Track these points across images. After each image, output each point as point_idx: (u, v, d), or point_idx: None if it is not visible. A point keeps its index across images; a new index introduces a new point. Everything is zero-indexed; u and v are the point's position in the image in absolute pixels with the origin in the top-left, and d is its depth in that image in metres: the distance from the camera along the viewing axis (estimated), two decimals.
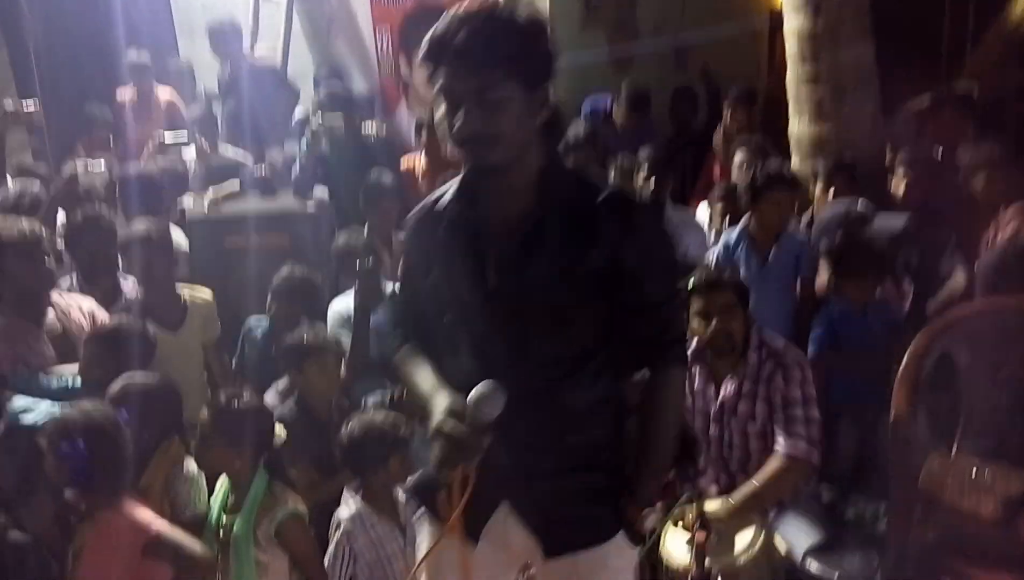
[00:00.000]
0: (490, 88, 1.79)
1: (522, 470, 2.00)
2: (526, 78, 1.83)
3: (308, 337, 3.38)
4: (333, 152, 5.18)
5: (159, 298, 3.72)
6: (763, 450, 3.05)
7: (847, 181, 4.31)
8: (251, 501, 2.74)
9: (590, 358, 1.99)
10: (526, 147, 1.89)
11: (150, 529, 2.59)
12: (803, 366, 3.06)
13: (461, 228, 1.96)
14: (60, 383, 3.22)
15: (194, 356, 3.79)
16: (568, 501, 2.03)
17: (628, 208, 1.94)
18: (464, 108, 1.80)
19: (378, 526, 2.88)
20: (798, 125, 4.76)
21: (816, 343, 3.79)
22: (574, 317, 1.95)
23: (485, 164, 1.87)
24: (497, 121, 1.81)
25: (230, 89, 6.32)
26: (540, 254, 1.90)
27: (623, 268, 1.90)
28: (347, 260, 3.99)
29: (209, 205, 4.78)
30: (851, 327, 3.75)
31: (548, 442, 1.99)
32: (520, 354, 1.95)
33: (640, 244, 1.91)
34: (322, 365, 3.36)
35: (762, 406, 3.04)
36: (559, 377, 1.97)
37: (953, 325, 3.32)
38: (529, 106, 1.85)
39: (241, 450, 2.77)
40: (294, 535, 2.76)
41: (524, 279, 1.91)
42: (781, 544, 2.80)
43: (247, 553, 2.72)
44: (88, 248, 3.79)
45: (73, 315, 3.49)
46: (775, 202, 3.96)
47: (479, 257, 1.95)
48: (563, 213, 1.91)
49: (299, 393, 3.40)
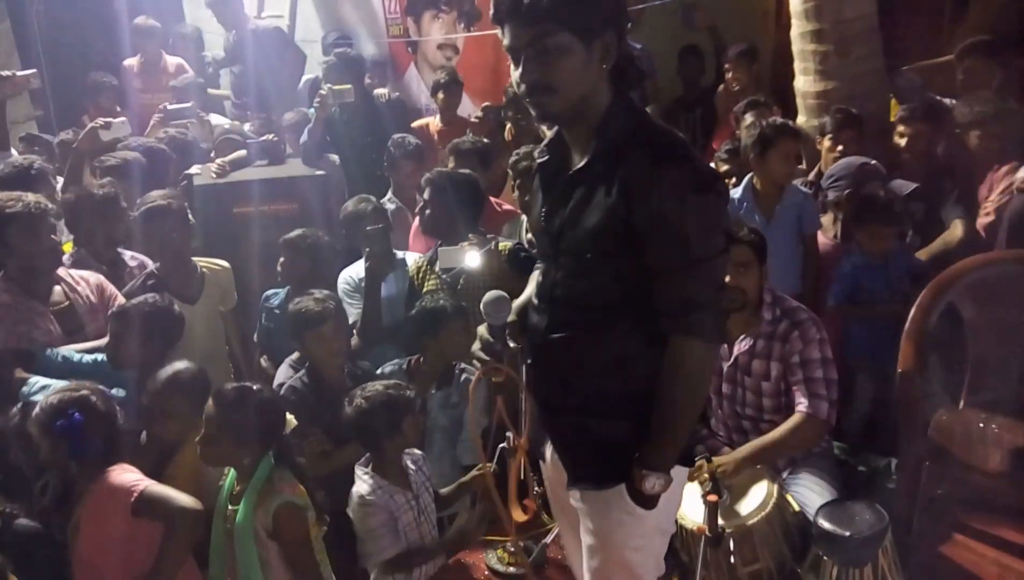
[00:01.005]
0: (543, 39, 1.90)
1: (552, 404, 2.18)
2: (581, 28, 1.91)
3: (305, 306, 3.36)
4: (342, 117, 5.18)
5: (176, 270, 3.72)
6: (776, 409, 3.08)
7: (855, 137, 4.31)
8: (251, 490, 2.64)
9: (618, 311, 2.03)
10: (590, 95, 1.98)
11: (135, 488, 2.54)
12: (819, 326, 3.06)
13: (541, 170, 2.15)
14: (88, 360, 3.25)
15: (214, 327, 3.82)
16: (583, 441, 2.14)
17: (652, 165, 1.91)
18: (523, 61, 1.93)
19: (397, 495, 2.90)
20: (803, 82, 4.74)
21: (835, 295, 3.85)
22: (599, 267, 2.01)
23: (547, 113, 2.01)
24: (554, 71, 1.92)
25: (235, 56, 6.29)
26: (573, 200, 2.01)
27: (636, 226, 1.92)
28: (356, 226, 3.99)
29: (217, 172, 4.80)
30: (872, 279, 3.79)
31: (573, 382, 2.12)
32: (556, 293, 2.09)
33: (652, 202, 1.89)
34: (320, 334, 3.34)
35: (777, 365, 3.05)
36: (587, 323, 2.06)
37: (957, 278, 3.35)
38: (588, 55, 1.93)
39: (248, 447, 2.68)
40: (288, 525, 2.62)
41: (558, 222, 2.05)
42: (794, 502, 2.84)
43: (249, 544, 2.63)
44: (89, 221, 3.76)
45: (80, 290, 3.47)
46: (784, 153, 4.00)
47: (544, 198, 2.13)
48: (601, 163, 1.98)
49: (309, 363, 3.42)
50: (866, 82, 4.62)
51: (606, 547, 2.19)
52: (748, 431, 3.15)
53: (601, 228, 1.96)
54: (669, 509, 2.21)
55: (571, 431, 2.17)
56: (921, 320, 3.22)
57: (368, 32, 7.12)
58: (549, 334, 2.11)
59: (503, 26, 1.96)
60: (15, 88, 5.03)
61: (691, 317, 1.95)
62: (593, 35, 1.93)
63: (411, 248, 4.33)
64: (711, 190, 1.94)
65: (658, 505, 2.08)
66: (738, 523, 2.69)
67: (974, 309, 3.39)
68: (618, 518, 2.13)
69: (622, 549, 2.17)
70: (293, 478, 2.70)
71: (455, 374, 3.47)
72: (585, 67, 1.94)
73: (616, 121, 1.99)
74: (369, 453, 2.97)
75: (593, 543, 2.21)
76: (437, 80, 5.62)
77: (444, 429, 3.44)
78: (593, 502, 2.17)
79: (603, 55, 1.95)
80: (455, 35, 6.80)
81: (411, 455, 3.05)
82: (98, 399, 2.68)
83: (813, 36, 4.58)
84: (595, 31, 1.93)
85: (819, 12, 4.51)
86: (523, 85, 1.96)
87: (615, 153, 1.96)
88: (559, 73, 1.92)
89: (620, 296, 2.02)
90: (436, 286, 3.70)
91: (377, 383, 3.01)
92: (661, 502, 2.08)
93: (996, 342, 3.37)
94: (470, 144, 4.43)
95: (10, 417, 2.85)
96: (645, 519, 2.12)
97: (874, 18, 4.58)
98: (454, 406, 3.43)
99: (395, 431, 2.89)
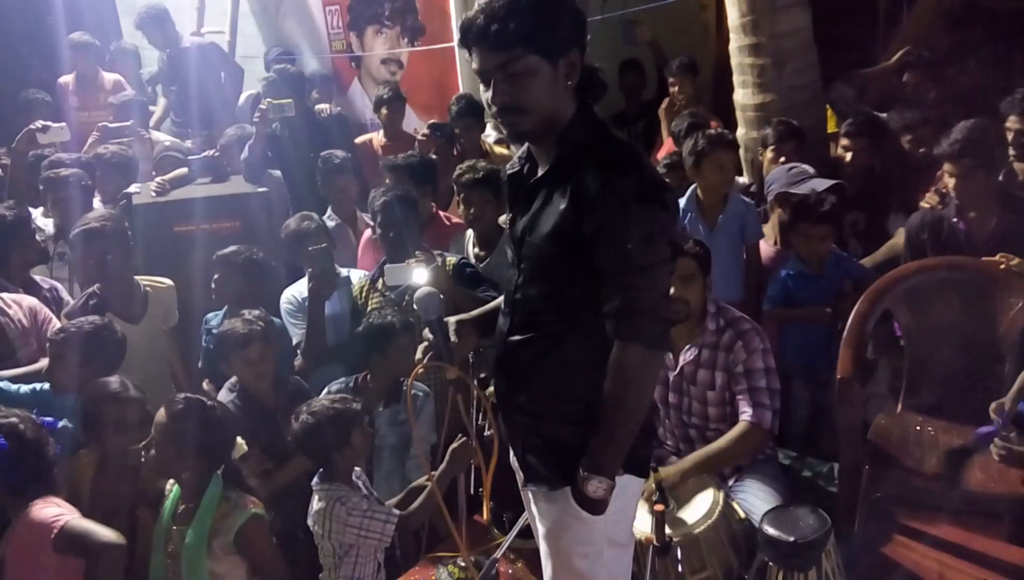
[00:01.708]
0: (511, 63, 1.97)
1: (510, 404, 2.25)
2: (547, 49, 1.97)
3: (232, 327, 3.33)
4: (284, 133, 5.14)
5: (117, 291, 3.66)
6: (721, 418, 3.12)
7: (796, 147, 4.40)
8: (204, 510, 2.62)
9: (571, 316, 2.08)
10: (558, 111, 2.04)
11: (56, 524, 2.50)
12: (762, 336, 3.11)
13: (510, 180, 2.23)
14: (26, 390, 3.18)
15: (158, 347, 3.77)
16: (537, 443, 2.19)
17: (600, 174, 1.95)
18: (493, 83, 2.00)
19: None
20: (742, 95, 4.83)
21: (769, 301, 3.92)
22: (553, 272, 2.07)
23: (519, 132, 2.09)
24: (523, 93, 1.99)
25: (171, 75, 6.20)
26: (533, 207, 2.08)
27: (586, 232, 1.96)
28: (298, 245, 3.95)
29: (157, 190, 4.72)
30: (805, 286, 3.85)
31: (529, 384, 2.18)
32: (517, 298, 2.16)
33: (598, 210, 1.94)
34: (245, 356, 3.31)
35: (721, 374, 3.09)
36: (542, 327, 2.12)
37: (893, 285, 3.44)
38: (555, 74, 2.00)
39: (189, 461, 2.66)
40: (255, 539, 2.65)
41: (520, 229, 2.13)
42: (739, 509, 2.87)
43: (200, 565, 2.61)
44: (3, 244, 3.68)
45: (12, 313, 3.40)
46: (718, 163, 4.04)
47: (511, 207, 2.22)
48: (559, 172, 2.04)
49: (240, 384, 3.37)
50: (803, 94, 4.71)
51: (554, 551, 2.22)
52: (694, 440, 3.18)
53: (554, 234, 2.01)
54: (621, 520, 2.22)
55: (525, 431, 2.22)
56: (859, 326, 3.29)
57: (311, 48, 7.10)
58: (510, 337, 2.19)
59: (471, 51, 2.01)
60: None
61: (632, 322, 1.98)
62: (558, 54, 1.99)
63: (359, 265, 4.31)
64: (655, 200, 1.98)
65: (608, 514, 2.09)
66: (685, 532, 2.70)
67: (909, 315, 3.47)
68: (567, 522, 2.15)
69: (570, 555, 2.19)
70: (247, 495, 2.72)
71: (403, 391, 3.45)
72: (552, 85, 2.00)
73: (576, 132, 2.05)
74: (321, 469, 2.93)
75: (545, 548, 2.25)
76: (380, 96, 5.59)
77: (392, 447, 3.42)
78: (546, 502, 2.20)
79: (568, 72, 2.01)
80: (399, 50, 6.80)
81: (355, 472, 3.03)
82: (27, 427, 2.61)
83: (751, 50, 4.67)
84: (560, 50, 1.99)
85: (756, 26, 4.59)
86: (494, 107, 2.03)
87: (572, 163, 2.01)
88: (529, 94, 1.99)
89: (573, 301, 2.07)
90: (380, 304, 3.68)
91: (323, 398, 3.00)
92: (612, 512, 2.09)
93: (931, 347, 3.45)
94: (402, 160, 4.41)
95: None
96: (592, 526, 2.13)
97: (809, 31, 4.68)
98: (402, 423, 3.41)
99: (344, 444, 2.86)
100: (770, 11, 4.54)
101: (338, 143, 5.14)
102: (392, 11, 6.75)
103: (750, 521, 2.82)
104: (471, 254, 4.00)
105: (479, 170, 3.89)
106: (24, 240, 3.76)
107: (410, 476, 3.39)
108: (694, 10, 6.94)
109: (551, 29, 1.97)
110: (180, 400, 2.72)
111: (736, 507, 2.88)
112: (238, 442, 2.85)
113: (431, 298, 2.28)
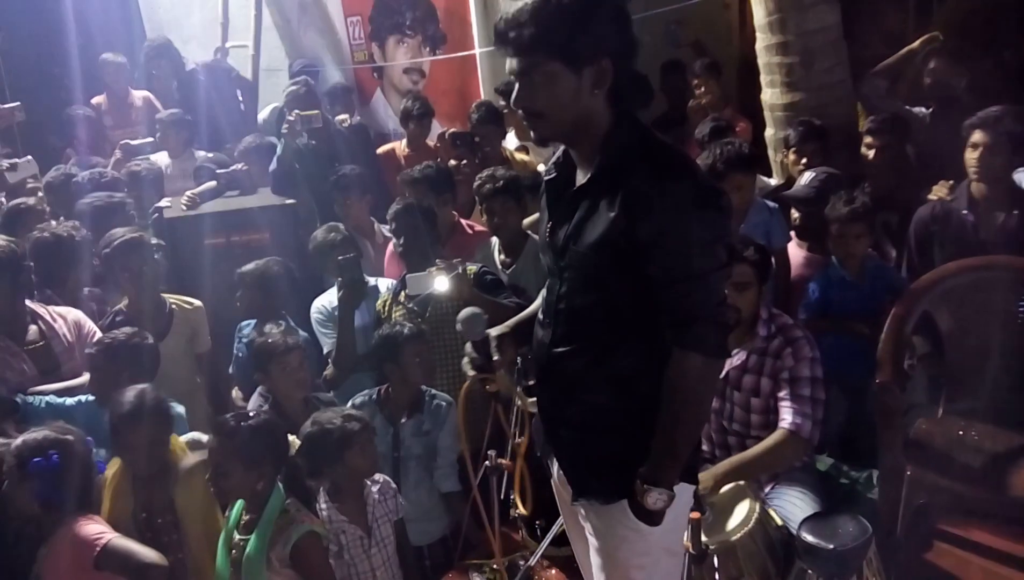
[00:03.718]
0: (531, 69, 1.97)
1: (557, 418, 2.20)
2: (570, 57, 1.95)
3: (270, 338, 3.35)
4: (310, 146, 5.15)
5: (145, 306, 3.69)
6: (763, 425, 3.07)
7: (818, 148, 4.33)
8: (266, 521, 2.66)
9: (621, 325, 2.05)
10: (586, 117, 2.02)
11: (99, 542, 2.52)
12: (813, 345, 3.05)
13: (548, 187, 2.20)
14: (72, 402, 3.22)
15: (181, 364, 3.76)
16: (587, 456, 2.15)
17: (655, 180, 1.93)
18: (518, 85, 2.02)
19: (345, 533, 2.92)
20: (770, 95, 4.77)
21: (805, 309, 3.83)
22: (602, 281, 2.03)
23: (539, 135, 2.09)
24: (541, 98, 1.99)
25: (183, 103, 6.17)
26: (577, 215, 2.04)
27: (639, 240, 1.93)
28: (325, 256, 3.97)
29: (187, 204, 4.76)
30: (845, 295, 3.76)
31: (577, 396, 2.13)
32: (561, 308, 2.12)
33: (655, 216, 1.91)
34: (284, 365, 3.32)
35: (767, 381, 3.05)
36: (591, 337, 2.08)
37: (932, 287, 3.37)
38: (578, 82, 1.97)
39: (259, 471, 2.68)
40: (310, 555, 2.67)
41: (562, 237, 2.08)
42: (776, 517, 2.83)
43: (259, 575, 2.64)
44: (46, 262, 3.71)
45: (57, 328, 3.44)
46: (735, 185, 3.81)
47: (550, 214, 2.17)
48: (605, 178, 2.01)
49: (272, 395, 3.38)
50: (833, 92, 4.65)
51: (611, 564, 2.19)
52: (733, 447, 3.13)
53: (604, 242, 1.98)
54: (676, 528, 2.20)
55: (575, 445, 2.18)
56: (897, 330, 3.23)
57: (333, 59, 7.14)
58: (553, 348, 2.14)
59: (504, 51, 2.03)
60: (1, 121, 4.97)
61: (692, 330, 1.96)
62: (583, 63, 1.96)
63: (386, 274, 4.31)
64: (712, 205, 1.96)
65: (664, 523, 2.07)
66: (721, 539, 2.67)
67: (949, 317, 3.39)
68: (623, 534, 2.13)
69: (627, 567, 2.16)
70: (306, 509, 2.75)
71: (425, 401, 3.44)
72: (575, 93, 1.98)
73: (619, 138, 2.02)
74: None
75: (600, 562, 2.21)
76: (408, 109, 5.57)
77: (418, 457, 3.41)
78: (598, 517, 2.17)
79: (596, 80, 1.98)
80: (421, 59, 6.81)
81: (378, 483, 3.04)
82: (80, 446, 2.64)
83: (778, 49, 4.61)
84: (585, 59, 1.96)
85: (783, 24, 4.54)
86: (516, 107, 2.05)
87: (618, 168, 1.98)
88: (546, 100, 1.99)
89: (623, 310, 2.04)
90: (403, 316, 3.69)
91: (329, 412, 2.99)
92: (667, 521, 2.07)
93: (972, 349, 3.38)
94: (419, 173, 4.40)
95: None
96: (649, 536, 2.10)
97: (838, 28, 4.61)
98: (426, 433, 3.40)
99: (335, 462, 2.88)
100: (797, 9, 4.48)
101: (359, 154, 5.15)
102: (413, 20, 6.77)
103: (787, 528, 2.78)
104: (497, 261, 3.99)
105: (499, 178, 3.88)
106: (85, 262, 3.82)
107: (440, 486, 3.40)
108: (717, 9, 6.88)
109: (576, 37, 1.94)
110: (226, 419, 2.75)
111: (773, 514, 2.83)
112: (291, 440, 2.87)
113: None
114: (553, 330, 2.14)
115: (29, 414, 3.11)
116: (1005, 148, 3.51)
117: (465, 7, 6.41)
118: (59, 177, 4.93)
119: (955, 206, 3.65)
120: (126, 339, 3.22)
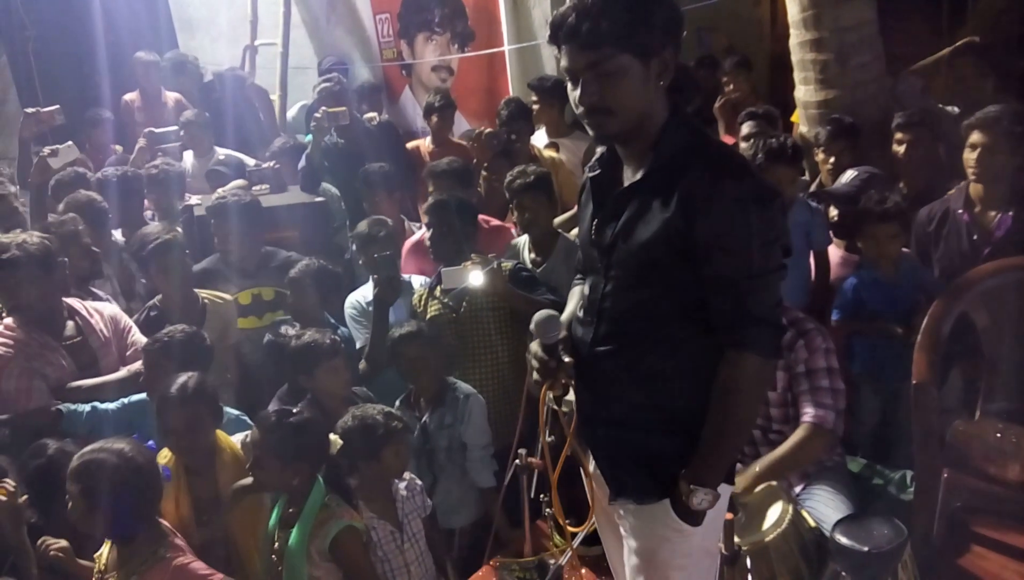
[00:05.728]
0: (602, 63, 1.90)
1: (596, 417, 2.15)
2: (639, 49, 1.91)
3: (314, 340, 3.34)
4: (338, 144, 5.16)
5: (177, 301, 3.73)
6: (784, 418, 3.06)
7: (848, 146, 4.29)
8: (306, 515, 2.70)
9: (667, 324, 2.02)
10: (648, 113, 1.98)
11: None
12: (825, 336, 3.05)
13: (593, 184, 2.15)
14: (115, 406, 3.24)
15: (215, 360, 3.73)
16: (627, 455, 2.12)
17: (714, 179, 1.90)
18: (581, 83, 1.94)
19: (377, 529, 2.92)
20: (804, 92, 4.72)
21: (838, 310, 3.79)
22: (651, 279, 2.00)
23: (606, 133, 2.02)
24: (612, 93, 1.92)
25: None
26: (627, 213, 2.00)
27: (696, 239, 1.90)
28: (367, 247, 3.93)
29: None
30: (878, 295, 3.71)
31: (619, 395, 2.10)
32: (605, 306, 2.08)
33: (714, 216, 1.88)
34: (332, 368, 3.33)
35: (782, 374, 3.03)
36: (636, 336, 2.05)
37: (969, 286, 3.31)
38: (646, 75, 1.93)
39: (295, 467, 2.73)
40: (349, 549, 2.71)
41: (609, 235, 2.04)
42: (809, 518, 2.80)
43: (300, 568, 2.68)
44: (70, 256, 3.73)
45: (94, 323, 3.46)
46: (776, 179, 3.73)
47: (596, 211, 2.12)
48: (658, 177, 1.97)
49: (313, 396, 3.36)
50: (868, 89, 4.59)
51: (650, 565, 2.16)
52: (757, 442, 3.12)
53: (656, 241, 1.95)
54: (715, 529, 2.19)
55: (614, 444, 2.16)
56: (933, 330, 3.17)
57: (362, 57, 7.17)
58: (595, 347, 2.11)
59: (560, 48, 1.96)
60: (40, 125, 5.04)
61: (749, 331, 1.94)
62: (651, 54, 1.93)
63: (403, 269, 4.30)
64: (770, 205, 1.93)
65: (704, 523, 2.06)
66: (754, 540, 2.64)
67: (987, 317, 3.34)
68: (663, 535, 2.11)
69: (667, 568, 2.14)
70: (346, 504, 2.79)
71: (448, 394, 3.46)
72: (643, 86, 1.94)
73: (674, 136, 1.99)
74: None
75: (637, 562, 2.19)
76: (431, 103, 5.57)
77: (446, 450, 3.43)
78: (637, 518, 2.15)
79: (661, 72, 1.96)
80: (449, 56, 6.81)
81: (405, 481, 3.05)
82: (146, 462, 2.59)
83: (812, 45, 4.55)
84: (653, 49, 1.93)
85: (818, 20, 4.48)
86: (581, 107, 1.97)
87: (673, 167, 1.95)
88: (618, 95, 1.93)
89: (671, 309, 2.01)
90: (439, 313, 3.69)
91: (370, 406, 3.01)
92: (707, 520, 2.06)
93: (1010, 350, 3.32)
94: (446, 165, 4.40)
95: None
96: (690, 536, 2.09)
97: (874, 25, 4.55)
98: (449, 426, 3.42)
99: (372, 458, 2.90)
100: (833, 5, 4.43)
101: (386, 152, 5.15)
102: (442, 18, 6.76)
103: (820, 530, 2.75)
104: (527, 260, 3.97)
105: (530, 174, 3.86)
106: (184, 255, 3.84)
107: (479, 482, 3.43)
108: (748, 6, 6.84)
109: (645, 28, 1.90)
110: (268, 414, 2.82)
111: (806, 515, 2.80)
112: (332, 438, 2.88)
113: (552, 321, 2.15)
114: (595, 329, 2.11)
115: (74, 421, 3.15)
116: (1004, 148, 3.48)
117: (494, 4, 6.40)
118: (68, 175, 4.94)
119: (952, 206, 3.62)
120: (184, 337, 3.25)
